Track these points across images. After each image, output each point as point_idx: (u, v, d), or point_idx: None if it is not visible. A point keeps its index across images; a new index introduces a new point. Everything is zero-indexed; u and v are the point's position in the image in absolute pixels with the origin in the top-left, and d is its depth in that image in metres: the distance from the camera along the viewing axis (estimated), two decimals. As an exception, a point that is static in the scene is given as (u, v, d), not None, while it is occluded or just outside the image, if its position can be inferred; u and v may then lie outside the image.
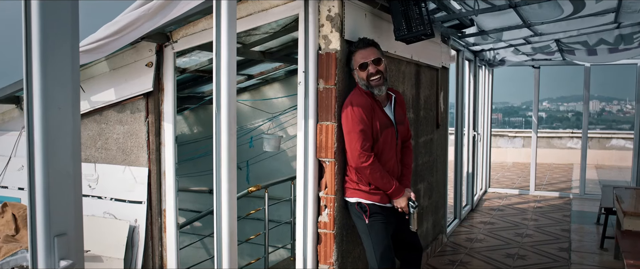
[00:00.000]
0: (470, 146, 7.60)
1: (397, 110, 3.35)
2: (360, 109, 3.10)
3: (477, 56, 7.77)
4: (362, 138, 3.10)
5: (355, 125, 3.10)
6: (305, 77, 3.24)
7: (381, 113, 3.21)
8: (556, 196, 9.11)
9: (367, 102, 3.14)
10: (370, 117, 3.13)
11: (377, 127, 3.16)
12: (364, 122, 3.10)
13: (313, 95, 3.24)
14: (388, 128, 3.23)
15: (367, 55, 3.16)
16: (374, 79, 3.14)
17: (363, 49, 3.17)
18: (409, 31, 3.47)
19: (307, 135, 3.28)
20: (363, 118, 3.10)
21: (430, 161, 5.32)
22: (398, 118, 3.34)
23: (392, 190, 3.17)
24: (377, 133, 3.17)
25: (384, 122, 3.21)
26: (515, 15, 5.02)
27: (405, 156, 3.46)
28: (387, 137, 3.22)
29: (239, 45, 4.54)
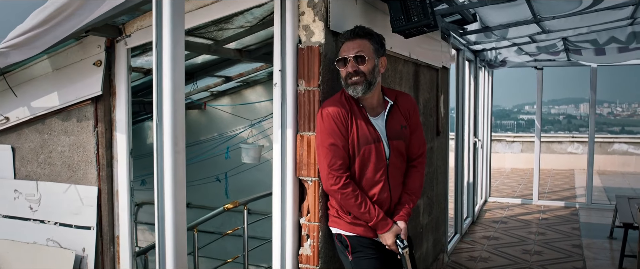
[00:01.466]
0: (471, 154, 7.02)
1: (394, 120, 2.64)
2: (331, 117, 2.47)
3: (478, 56, 7.19)
4: (331, 154, 2.46)
5: (324, 137, 2.48)
6: (281, 76, 2.63)
7: (364, 125, 2.53)
8: (561, 206, 8.54)
9: (343, 109, 2.49)
10: (345, 128, 2.49)
11: (354, 141, 2.51)
12: (336, 134, 2.47)
13: (291, 98, 2.62)
14: (370, 144, 2.52)
15: (349, 49, 2.51)
16: (351, 80, 2.49)
17: (349, 41, 2.53)
18: (408, 21, 2.86)
19: (284, 148, 2.66)
20: (334, 129, 2.47)
21: (430, 173, 4.72)
22: (392, 131, 2.61)
23: (373, 222, 2.50)
24: (354, 149, 2.51)
25: (365, 135, 2.52)
26: (525, 8, 4.45)
27: (409, 178, 2.72)
28: (369, 156, 2.53)
29: (210, 41, 3.92)
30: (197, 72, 4.89)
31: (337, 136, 2.46)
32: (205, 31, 3.66)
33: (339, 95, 2.57)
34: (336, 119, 2.46)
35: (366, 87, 2.49)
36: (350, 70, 2.48)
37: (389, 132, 2.60)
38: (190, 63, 4.52)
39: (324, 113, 2.49)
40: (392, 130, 2.61)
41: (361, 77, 2.48)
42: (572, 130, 73.13)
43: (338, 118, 2.47)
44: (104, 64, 3.18)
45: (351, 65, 2.48)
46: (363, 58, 2.48)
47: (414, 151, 2.74)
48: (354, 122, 2.51)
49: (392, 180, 2.62)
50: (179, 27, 1.90)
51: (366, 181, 2.55)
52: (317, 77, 2.58)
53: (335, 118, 2.46)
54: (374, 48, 2.54)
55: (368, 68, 2.49)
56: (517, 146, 13.70)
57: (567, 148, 13.42)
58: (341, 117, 2.47)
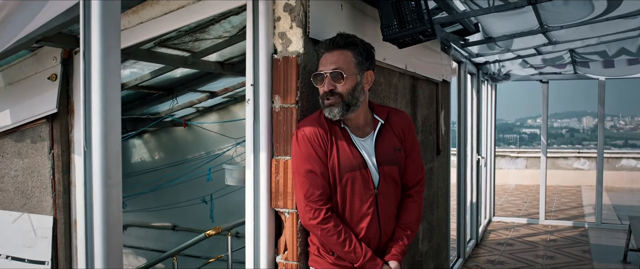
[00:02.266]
0: (474, 172, 6.63)
1: (385, 141, 2.23)
2: (307, 140, 2.10)
3: (480, 69, 6.83)
4: (308, 183, 2.09)
5: (300, 163, 2.11)
6: (254, 92, 2.27)
7: (346, 148, 2.14)
8: (569, 225, 8.12)
9: (321, 129, 2.11)
10: (324, 152, 2.10)
11: (335, 167, 2.11)
12: (313, 158, 2.09)
13: (265, 117, 2.26)
14: (353, 170, 2.13)
15: (326, 62, 2.12)
16: (327, 101, 2.11)
17: (328, 52, 2.13)
18: (402, 28, 2.50)
19: (257, 174, 2.29)
20: (311, 153, 2.09)
21: (429, 196, 4.33)
22: (383, 154, 2.21)
23: (360, 262, 2.11)
24: (336, 176, 2.12)
25: (348, 160, 2.12)
26: (532, 16, 4.10)
27: (404, 210, 2.31)
28: (354, 184, 2.14)
29: (187, 53, 3.57)
30: (176, 87, 4.54)
31: (315, 162, 2.09)
32: (180, 42, 3.31)
33: (317, 114, 2.19)
34: (313, 141, 2.09)
35: (343, 109, 2.09)
36: (326, 90, 2.09)
37: (379, 156, 2.19)
38: (168, 77, 4.17)
39: (299, 135, 2.12)
40: (383, 154, 2.20)
41: (337, 98, 2.08)
42: (575, 143, 72.59)
43: (315, 140, 2.09)
44: (60, 78, 2.83)
45: (328, 83, 2.08)
46: (340, 75, 2.07)
47: (410, 177, 2.33)
48: (334, 144, 2.12)
49: (383, 213, 2.21)
50: (112, 32, 1.54)
51: (351, 214, 2.15)
52: (295, 92, 2.22)
53: (312, 140, 2.09)
54: (357, 61, 2.12)
55: (346, 89, 2.09)
56: (521, 162, 13.29)
57: (573, 164, 13.01)
58: (319, 138, 2.10)
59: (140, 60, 3.32)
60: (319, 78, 2.11)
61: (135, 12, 2.61)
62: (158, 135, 6.32)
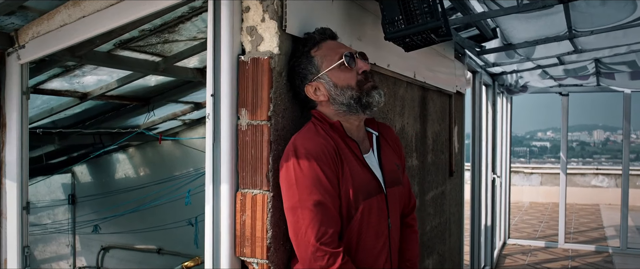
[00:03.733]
0: (488, 193, 6.04)
1: (386, 157, 1.82)
2: (314, 159, 1.56)
3: (496, 80, 6.27)
4: (319, 219, 1.54)
5: (306, 193, 1.56)
6: (214, 104, 1.73)
7: (359, 168, 1.65)
8: (592, 250, 7.49)
9: (329, 146, 1.60)
10: (335, 176, 1.59)
11: (349, 194, 1.61)
12: (324, 186, 1.56)
13: (228, 138, 1.72)
14: (371, 197, 1.66)
15: (343, 45, 1.75)
16: (367, 85, 1.69)
17: (334, 41, 1.76)
18: (409, 24, 1.96)
19: (217, 212, 1.74)
20: (320, 178, 1.56)
21: (441, 225, 3.77)
22: (389, 173, 1.78)
23: None
24: (350, 206, 1.61)
25: (364, 184, 1.65)
26: (560, 19, 3.56)
27: (407, 243, 1.89)
28: (369, 215, 1.65)
29: (157, 58, 3.05)
30: (153, 98, 4.01)
31: (325, 190, 1.56)
32: (145, 44, 2.79)
33: (315, 128, 1.67)
34: (322, 161, 1.57)
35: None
36: (368, 68, 1.70)
37: (386, 175, 1.75)
38: (140, 86, 3.64)
39: (301, 153, 1.58)
40: (389, 173, 1.78)
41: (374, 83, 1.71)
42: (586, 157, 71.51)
43: (324, 159, 1.58)
44: (-12, 86, 2.31)
45: (365, 62, 1.72)
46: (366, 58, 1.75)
47: (406, 201, 1.91)
48: (345, 163, 1.63)
49: (394, 248, 1.78)
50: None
51: (365, 254, 1.66)
52: (267, 104, 1.68)
53: (319, 159, 1.57)
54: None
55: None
56: (535, 178, 12.65)
57: (590, 181, 12.35)
58: (328, 156, 1.59)
59: (100, 65, 2.80)
60: (349, 60, 1.67)
61: (76, 3, 2.09)
62: (143, 149, 5.80)
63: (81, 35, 2.12)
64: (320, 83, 1.68)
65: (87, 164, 6.01)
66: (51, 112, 3.55)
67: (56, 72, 2.89)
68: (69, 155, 5.65)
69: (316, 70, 1.68)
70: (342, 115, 1.69)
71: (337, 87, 1.66)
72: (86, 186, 6.17)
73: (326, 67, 1.67)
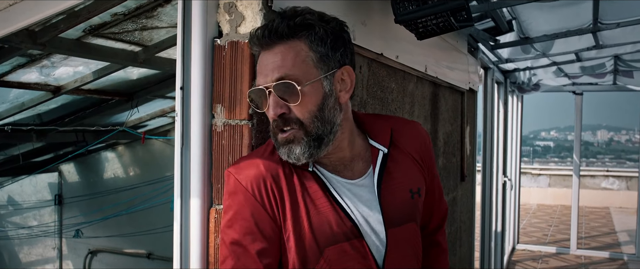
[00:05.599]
0: (499, 197, 5.70)
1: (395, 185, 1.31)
2: (243, 192, 1.19)
3: (508, 78, 5.92)
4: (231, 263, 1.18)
5: (225, 227, 1.20)
6: (183, 99, 1.39)
7: (324, 205, 1.22)
8: (605, 257, 7.13)
9: (273, 177, 1.21)
10: (272, 217, 1.19)
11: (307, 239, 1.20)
12: (248, 226, 1.18)
13: (200, 141, 1.38)
14: (338, 242, 1.21)
15: (266, 68, 1.18)
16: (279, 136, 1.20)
17: (266, 50, 1.18)
18: (423, 4, 1.61)
19: (186, 233, 1.41)
20: (246, 216, 1.18)
21: (451, 234, 3.44)
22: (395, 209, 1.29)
23: None
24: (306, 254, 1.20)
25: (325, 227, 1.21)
26: (587, 8, 3.23)
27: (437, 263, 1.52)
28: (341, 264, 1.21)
29: (136, 47, 2.71)
30: (137, 93, 3.68)
31: (249, 232, 1.18)
32: (120, 31, 2.45)
33: (269, 152, 1.26)
34: (255, 195, 1.18)
35: (311, 146, 1.18)
36: (270, 116, 1.19)
37: (387, 212, 1.27)
38: (121, 79, 3.31)
39: (232, 181, 1.21)
40: (394, 208, 1.29)
41: (295, 127, 1.18)
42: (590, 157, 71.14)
43: (259, 195, 1.18)
44: None
45: (273, 104, 1.16)
46: (290, 88, 1.15)
47: (435, 216, 1.51)
48: (300, 202, 1.21)
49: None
50: None
51: None
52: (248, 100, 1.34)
53: (254, 193, 1.18)
54: (319, 54, 1.17)
55: (308, 110, 1.17)
56: (543, 180, 12.28)
57: (600, 183, 11.98)
58: (265, 193, 1.19)
59: (69, 54, 2.47)
60: (258, 96, 1.19)
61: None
62: (133, 147, 5.48)
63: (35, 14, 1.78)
64: None
65: (74, 163, 5.70)
66: (22, 107, 3.23)
67: (20, 62, 2.56)
68: (55, 153, 5.33)
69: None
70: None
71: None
72: (74, 186, 5.86)
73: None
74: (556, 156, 69.24)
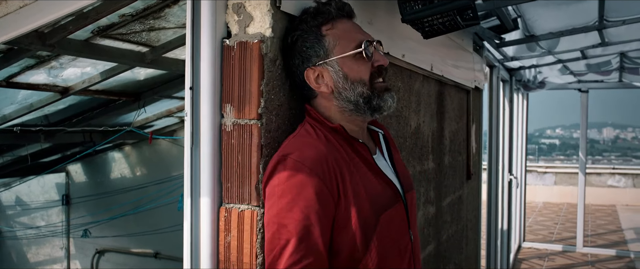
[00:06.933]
0: (505, 195, 5.70)
1: (397, 157, 1.54)
2: (308, 173, 1.21)
3: (513, 76, 5.92)
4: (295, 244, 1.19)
5: (289, 209, 1.21)
6: (193, 99, 1.41)
7: (371, 176, 1.33)
8: (612, 255, 7.12)
9: (332, 155, 1.26)
10: (335, 194, 1.23)
11: (364, 211, 1.26)
12: (315, 209, 1.20)
13: (210, 140, 1.40)
14: (389, 207, 1.32)
15: (361, 29, 1.40)
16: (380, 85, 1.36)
17: (348, 20, 1.39)
18: (430, 3, 1.62)
19: (196, 231, 1.43)
20: (310, 196, 1.20)
21: (458, 233, 3.44)
22: (404, 176, 1.49)
23: None
24: (367, 225, 1.26)
25: (379, 194, 1.31)
26: (593, 6, 3.23)
27: None
28: (392, 226, 1.32)
29: (144, 48, 2.73)
30: (144, 93, 3.70)
31: (316, 215, 1.20)
32: (128, 31, 2.47)
33: (312, 130, 1.34)
34: (319, 173, 1.22)
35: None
36: (385, 63, 1.37)
37: (401, 178, 1.46)
38: (128, 79, 3.33)
39: (291, 160, 1.24)
40: (404, 177, 1.49)
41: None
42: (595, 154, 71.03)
43: (323, 171, 1.23)
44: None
45: (383, 55, 1.38)
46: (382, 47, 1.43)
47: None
48: (357, 175, 1.29)
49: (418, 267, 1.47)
50: None
51: None
52: (258, 99, 1.36)
53: (315, 170, 1.22)
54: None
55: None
56: (549, 178, 12.26)
57: (607, 181, 11.95)
58: (330, 168, 1.24)
59: (77, 55, 2.49)
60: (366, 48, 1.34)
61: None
62: (140, 147, 5.50)
63: (45, 16, 1.80)
64: (326, 70, 1.34)
65: (81, 163, 5.73)
66: (31, 108, 3.26)
67: (29, 64, 2.59)
68: (62, 154, 5.36)
69: (324, 54, 1.34)
70: (346, 114, 1.36)
71: (347, 79, 1.33)
72: (81, 186, 5.89)
73: (339, 52, 1.33)
74: (562, 154, 69.02)
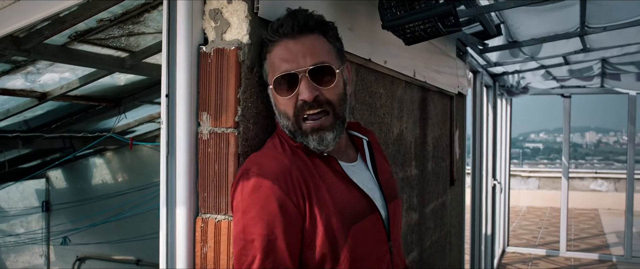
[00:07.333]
0: (489, 200, 5.71)
1: (381, 165, 1.49)
2: (270, 186, 1.19)
3: (497, 81, 5.94)
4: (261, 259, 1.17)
5: (251, 224, 1.18)
6: (169, 107, 1.38)
7: (341, 187, 1.29)
8: (595, 259, 7.18)
9: (296, 167, 1.24)
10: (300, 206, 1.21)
11: (331, 223, 1.23)
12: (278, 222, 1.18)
13: (186, 149, 1.37)
14: (361, 219, 1.29)
15: (293, 54, 1.25)
16: (311, 115, 1.26)
17: (290, 39, 1.26)
18: (411, 10, 1.61)
19: (172, 242, 1.39)
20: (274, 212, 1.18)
21: (441, 239, 3.44)
22: (387, 183, 1.46)
23: None
24: (335, 237, 1.23)
25: (349, 206, 1.28)
26: (574, 12, 3.25)
27: None
28: (364, 241, 1.29)
29: (123, 53, 2.69)
30: (124, 98, 3.65)
31: (279, 227, 1.18)
32: (107, 36, 2.43)
33: (278, 142, 1.31)
34: (281, 186, 1.19)
35: (339, 129, 1.30)
36: (307, 97, 1.23)
37: (384, 188, 1.42)
38: (108, 85, 3.28)
39: (253, 173, 1.21)
40: (387, 186, 1.45)
41: (327, 112, 1.26)
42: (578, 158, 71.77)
43: (285, 183, 1.20)
44: None
45: (308, 87, 1.23)
46: (327, 72, 1.26)
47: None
48: (321, 187, 1.25)
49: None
50: None
51: None
52: (234, 107, 1.33)
53: (278, 183, 1.19)
54: (336, 49, 1.33)
55: (337, 94, 1.29)
56: (533, 182, 12.34)
57: (589, 185, 12.06)
58: (293, 181, 1.21)
59: (54, 60, 2.44)
60: (287, 81, 1.25)
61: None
62: (121, 153, 5.43)
63: (18, 21, 1.76)
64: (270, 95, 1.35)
65: (62, 169, 5.64)
66: (7, 114, 3.19)
67: (5, 69, 2.53)
68: (42, 159, 5.27)
69: (265, 78, 1.34)
70: None
71: (276, 108, 1.32)
72: (61, 192, 5.79)
73: (270, 80, 1.29)
74: (545, 158, 69.63)
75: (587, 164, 51.11)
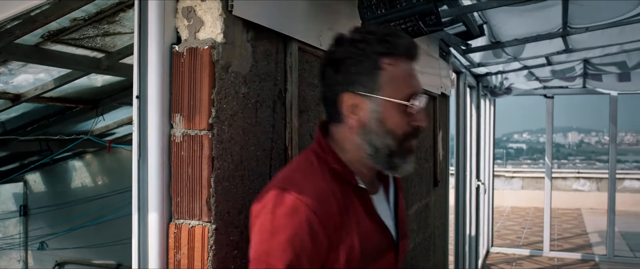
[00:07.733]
0: (473, 201, 5.71)
1: (401, 201, 1.40)
2: (305, 211, 1.11)
3: (480, 82, 5.95)
4: None
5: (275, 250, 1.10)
6: (140, 109, 1.32)
7: (368, 221, 1.22)
8: (578, 258, 7.22)
9: (333, 195, 1.17)
10: (328, 238, 1.14)
11: (355, 260, 1.17)
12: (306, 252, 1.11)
13: (158, 153, 1.31)
14: (381, 256, 1.24)
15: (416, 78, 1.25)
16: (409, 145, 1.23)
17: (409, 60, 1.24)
18: (391, 8, 1.57)
19: (144, 249, 1.34)
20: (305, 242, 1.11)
21: (425, 241, 3.41)
22: (403, 222, 1.37)
23: None
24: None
25: (376, 241, 1.23)
26: (556, 13, 3.25)
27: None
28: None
29: (99, 53, 2.62)
30: (102, 100, 3.57)
31: (306, 258, 1.11)
32: (81, 36, 2.36)
33: (315, 160, 1.23)
34: (316, 213, 1.12)
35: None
36: (424, 126, 1.23)
37: (401, 225, 1.34)
38: (85, 86, 3.20)
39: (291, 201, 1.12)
40: (402, 223, 1.36)
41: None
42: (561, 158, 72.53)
43: (324, 221, 1.13)
44: None
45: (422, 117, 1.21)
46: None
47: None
48: (354, 221, 1.19)
49: None
50: None
51: None
52: (208, 108, 1.28)
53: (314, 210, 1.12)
54: None
55: None
56: (517, 182, 12.42)
57: (572, 185, 12.16)
58: (328, 210, 1.14)
59: (27, 61, 2.37)
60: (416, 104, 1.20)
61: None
62: (101, 156, 5.34)
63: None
64: (366, 104, 1.19)
65: (40, 172, 5.53)
66: (-21, 116, 3.11)
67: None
68: (20, 162, 5.16)
69: (372, 87, 1.19)
70: (361, 153, 1.22)
71: (382, 124, 1.19)
72: (40, 196, 5.68)
73: (388, 94, 1.18)
74: (529, 158, 70.29)
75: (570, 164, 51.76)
